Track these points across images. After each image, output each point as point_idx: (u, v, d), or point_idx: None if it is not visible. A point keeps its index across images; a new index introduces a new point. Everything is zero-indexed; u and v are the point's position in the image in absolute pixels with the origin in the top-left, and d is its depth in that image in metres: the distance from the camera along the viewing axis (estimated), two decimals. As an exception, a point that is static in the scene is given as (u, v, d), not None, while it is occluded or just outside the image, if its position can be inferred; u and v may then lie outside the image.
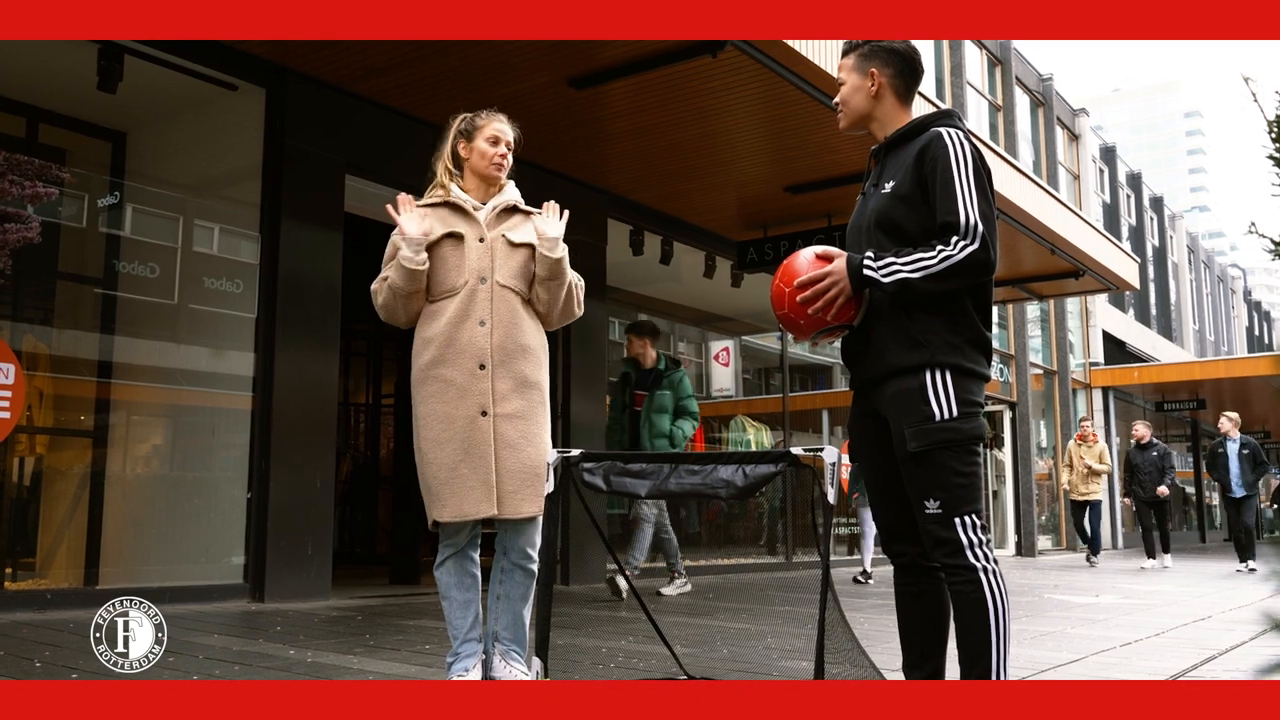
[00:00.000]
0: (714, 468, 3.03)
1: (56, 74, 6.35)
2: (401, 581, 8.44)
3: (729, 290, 10.95)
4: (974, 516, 2.69)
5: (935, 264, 2.66)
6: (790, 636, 5.28)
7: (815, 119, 7.50)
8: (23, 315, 6.35)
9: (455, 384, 3.31)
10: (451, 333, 3.33)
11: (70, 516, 6.41)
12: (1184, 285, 31.24)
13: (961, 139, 2.77)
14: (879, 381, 2.82)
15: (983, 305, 2.82)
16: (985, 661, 2.64)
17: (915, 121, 2.90)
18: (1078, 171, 22.05)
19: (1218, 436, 13.98)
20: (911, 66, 2.96)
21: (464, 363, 3.32)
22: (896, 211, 2.79)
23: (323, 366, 6.80)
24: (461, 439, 3.29)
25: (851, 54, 2.98)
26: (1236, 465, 13.18)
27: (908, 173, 2.78)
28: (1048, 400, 20.19)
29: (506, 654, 3.41)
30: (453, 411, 3.30)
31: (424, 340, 3.39)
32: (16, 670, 3.68)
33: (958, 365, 2.72)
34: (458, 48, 6.33)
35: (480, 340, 3.34)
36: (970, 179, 2.71)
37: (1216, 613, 7.06)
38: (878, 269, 2.70)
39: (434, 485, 3.31)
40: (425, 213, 3.44)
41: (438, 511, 3.30)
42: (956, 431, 2.69)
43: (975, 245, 2.65)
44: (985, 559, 2.68)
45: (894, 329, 2.76)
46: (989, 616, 2.65)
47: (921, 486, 2.71)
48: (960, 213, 2.67)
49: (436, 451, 3.30)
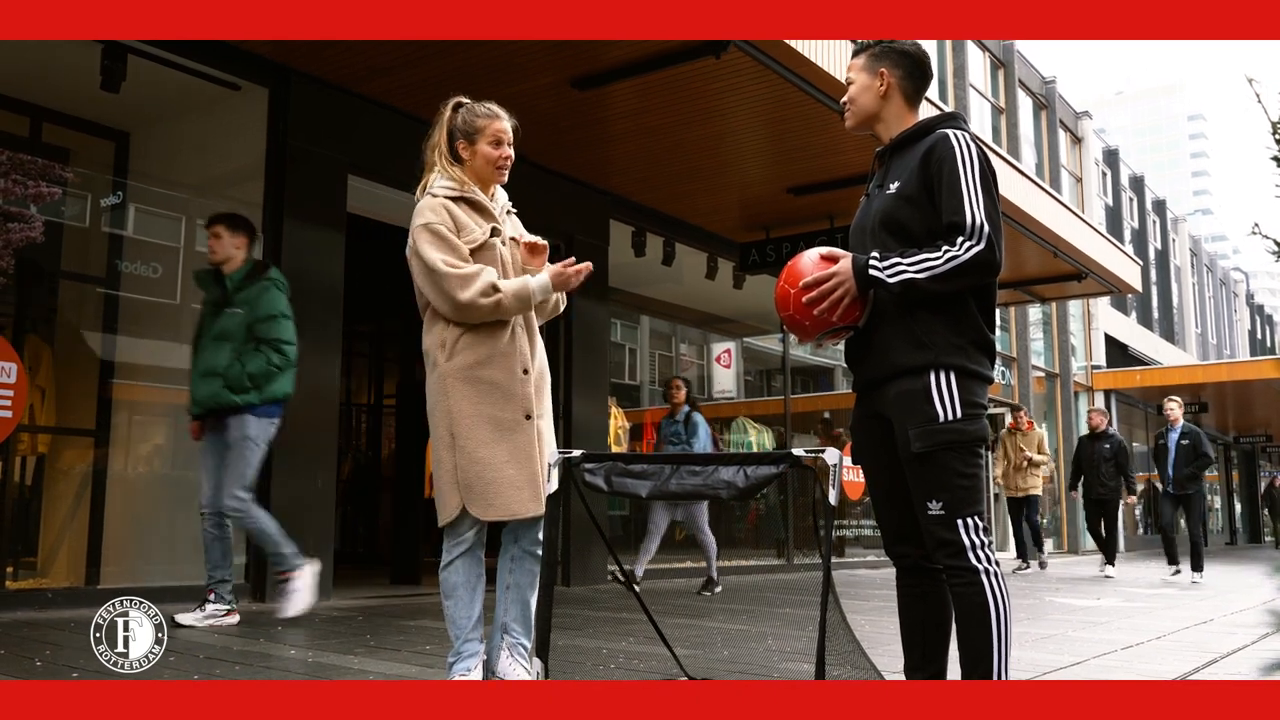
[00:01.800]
0: (715, 469, 3.02)
1: (60, 73, 6.36)
2: (402, 582, 8.44)
3: (731, 292, 10.94)
4: (976, 518, 2.69)
5: (941, 264, 2.66)
6: (791, 638, 5.28)
7: (818, 121, 7.50)
8: (25, 314, 6.36)
9: (502, 386, 3.33)
10: (499, 336, 3.35)
11: (72, 516, 6.41)
12: (1186, 288, 31.21)
13: (968, 140, 2.78)
14: (883, 382, 2.82)
15: (986, 307, 2.82)
16: (987, 664, 2.63)
17: (921, 123, 2.90)
18: (1080, 174, 22.05)
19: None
20: (921, 69, 2.97)
21: (511, 366, 3.35)
22: (902, 212, 2.80)
23: (324, 367, 6.80)
24: (509, 441, 3.32)
25: (862, 54, 2.99)
26: (1173, 458, 11.41)
27: (913, 174, 2.79)
28: (1050, 403, 20.18)
29: (514, 648, 3.41)
30: (500, 414, 3.32)
31: (467, 341, 3.34)
32: (17, 669, 3.68)
33: (962, 366, 2.72)
34: (461, 48, 6.33)
35: (523, 346, 3.40)
36: (976, 180, 2.71)
37: (1219, 616, 7.04)
38: (883, 269, 2.70)
39: (478, 485, 3.29)
40: (451, 206, 3.38)
41: (481, 510, 3.29)
42: (960, 433, 2.69)
43: (981, 246, 2.66)
44: (987, 560, 2.68)
45: (898, 330, 2.76)
46: (991, 619, 2.65)
47: (925, 487, 2.70)
48: (966, 213, 2.67)
49: (485, 451, 3.30)
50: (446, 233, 3.31)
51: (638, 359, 12.29)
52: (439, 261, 3.26)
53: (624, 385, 11.62)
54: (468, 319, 3.31)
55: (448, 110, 3.54)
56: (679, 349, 12.67)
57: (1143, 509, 25.65)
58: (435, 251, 3.28)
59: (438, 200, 3.37)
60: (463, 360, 3.33)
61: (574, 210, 8.73)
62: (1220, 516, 32.93)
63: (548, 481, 3.29)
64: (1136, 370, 22.77)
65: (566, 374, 8.68)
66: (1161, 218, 29.17)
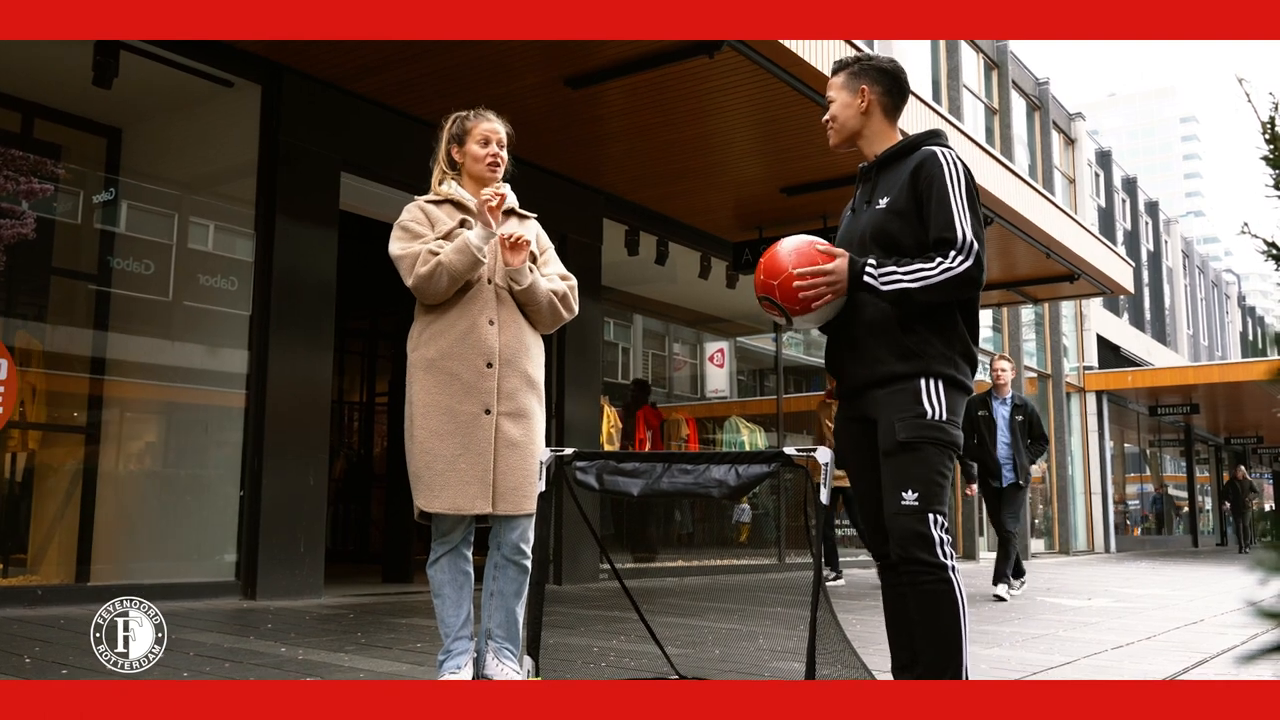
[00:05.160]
0: (707, 467, 3.03)
1: (52, 69, 6.33)
2: (394, 580, 8.44)
3: (724, 291, 10.95)
4: (943, 517, 2.77)
5: (935, 276, 2.75)
6: (782, 637, 5.29)
7: (811, 120, 7.49)
8: (16, 311, 6.34)
9: (462, 379, 3.33)
10: (462, 328, 3.36)
11: (62, 513, 6.39)
12: (1178, 290, 31.30)
13: (955, 158, 2.88)
14: (871, 387, 2.88)
15: (972, 320, 2.92)
16: (957, 660, 2.70)
17: (906, 140, 3.01)
18: (1073, 175, 22.09)
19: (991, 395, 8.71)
20: (900, 85, 3.07)
21: (473, 359, 3.35)
22: (892, 225, 2.88)
23: (317, 364, 6.79)
24: (464, 434, 3.31)
25: (841, 72, 3.09)
26: (1007, 437, 8.49)
27: (903, 189, 2.88)
28: (1041, 404, 20.22)
29: (499, 652, 3.41)
30: (456, 406, 3.32)
31: (432, 332, 3.39)
32: (6, 667, 3.67)
33: (950, 376, 2.82)
34: (454, 47, 6.32)
35: (490, 339, 3.38)
36: (965, 198, 2.82)
37: (1208, 616, 7.07)
38: (879, 277, 2.78)
39: (427, 476, 3.30)
40: (429, 208, 3.47)
41: (428, 502, 3.30)
42: (944, 432, 2.78)
43: (970, 261, 2.76)
44: (951, 558, 2.76)
45: (888, 339, 2.84)
46: (960, 616, 2.72)
47: (902, 477, 2.76)
48: (958, 229, 2.77)
49: (435, 443, 3.30)
50: (415, 226, 3.42)
51: (631, 358, 12.30)
52: (394, 255, 3.40)
53: (617, 384, 11.63)
54: (427, 295, 3.36)
55: (446, 125, 3.62)
56: (672, 348, 12.67)
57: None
58: (394, 247, 3.41)
59: (415, 204, 3.50)
60: (426, 351, 3.39)
61: (567, 209, 8.72)
62: (1211, 518, 33.04)
63: (539, 479, 3.29)
64: (1128, 371, 22.82)
65: (559, 373, 8.67)
66: (1154, 219, 29.23)
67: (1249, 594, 9.22)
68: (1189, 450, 29.96)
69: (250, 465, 6.46)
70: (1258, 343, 42.32)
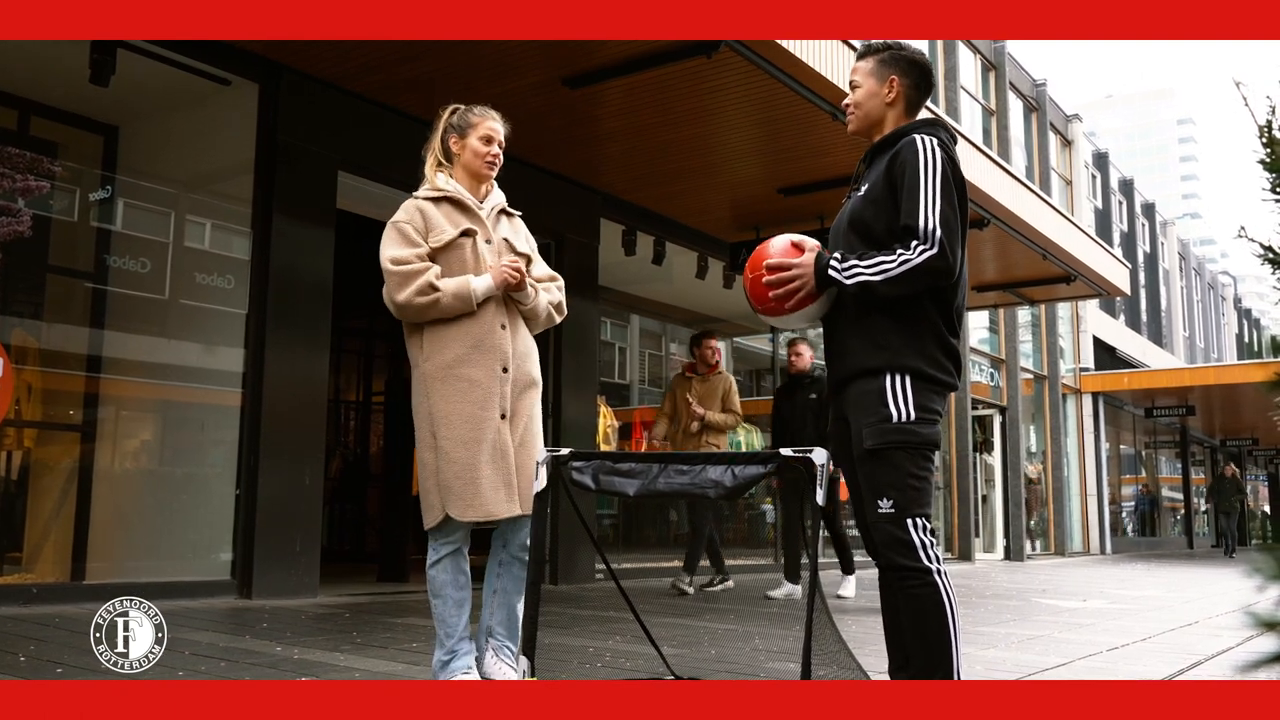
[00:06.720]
0: (703, 468, 3.02)
1: (49, 67, 6.32)
2: (390, 579, 8.43)
3: (721, 291, 10.95)
4: (925, 519, 2.73)
5: (894, 267, 2.69)
6: (778, 637, 5.29)
7: (809, 121, 7.50)
8: (12, 309, 6.33)
9: (481, 385, 3.32)
10: (477, 333, 3.35)
11: (58, 511, 6.38)
12: (1175, 292, 31.33)
13: (934, 145, 2.78)
14: (846, 383, 2.87)
15: (946, 312, 2.83)
16: (948, 662, 2.67)
17: (900, 128, 2.92)
18: (1070, 177, 22.11)
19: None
20: (928, 80, 3.00)
21: (489, 364, 3.34)
22: (867, 213, 2.84)
23: (313, 363, 6.78)
24: (489, 441, 3.31)
25: (870, 57, 2.99)
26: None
27: (881, 176, 2.83)
28: (1037, 405, 20.24)
29: (499, 650, 3.42)
30: (479, 413, 3.31)
31: (445, 338, 3.36)
32: (1, 665, 3.66)
33: (918, 370, 2.75)
34: (452, 46, 6.31)
35: (505, 344, 3.38)
36: (936, 185, 2.72)
37: (1203, 618, 7.08)
38: (841, 270, 2.75)
39: (456, 485, 3.28)
40: (427, 208, 3.43)
41: (462, 511, 3.27)
42: (912, 434, 2.72)
43: (933, 250, 2.67)
44: (937, 560, 2.72)
45: (858, 332, 2.81)
46: (947, 618, 2.69)
47: (875, 484, 2.74)
48: (920, 217, 2.70)
49: (462, 451, 3.29)
50: (411, 231, 3.36)
51: (628, 358, 12.30)
52: (387, 261, 3.33)
53: (614, 384, 11.62)
54: (406, 317, 3.35)
55: (445, 114, 3.58)
56: (669, 348, 12.67)
57: None
58: (388, 249, 3.35)
59: (413, 202, 3.43)
60: (441, 359, 3.35)
61: (564, 209, 8.71)
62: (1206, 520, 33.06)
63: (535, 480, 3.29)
64: (1124, 373, 22.84)
65: (556, 373, 8.67)
66: (1150, 221, 29.27)
67: (1245, 600, 9.23)
68: (1184, 452, 29.99)
69: (246, 464, 6.45)
70: (1254, 345, 42.39)
